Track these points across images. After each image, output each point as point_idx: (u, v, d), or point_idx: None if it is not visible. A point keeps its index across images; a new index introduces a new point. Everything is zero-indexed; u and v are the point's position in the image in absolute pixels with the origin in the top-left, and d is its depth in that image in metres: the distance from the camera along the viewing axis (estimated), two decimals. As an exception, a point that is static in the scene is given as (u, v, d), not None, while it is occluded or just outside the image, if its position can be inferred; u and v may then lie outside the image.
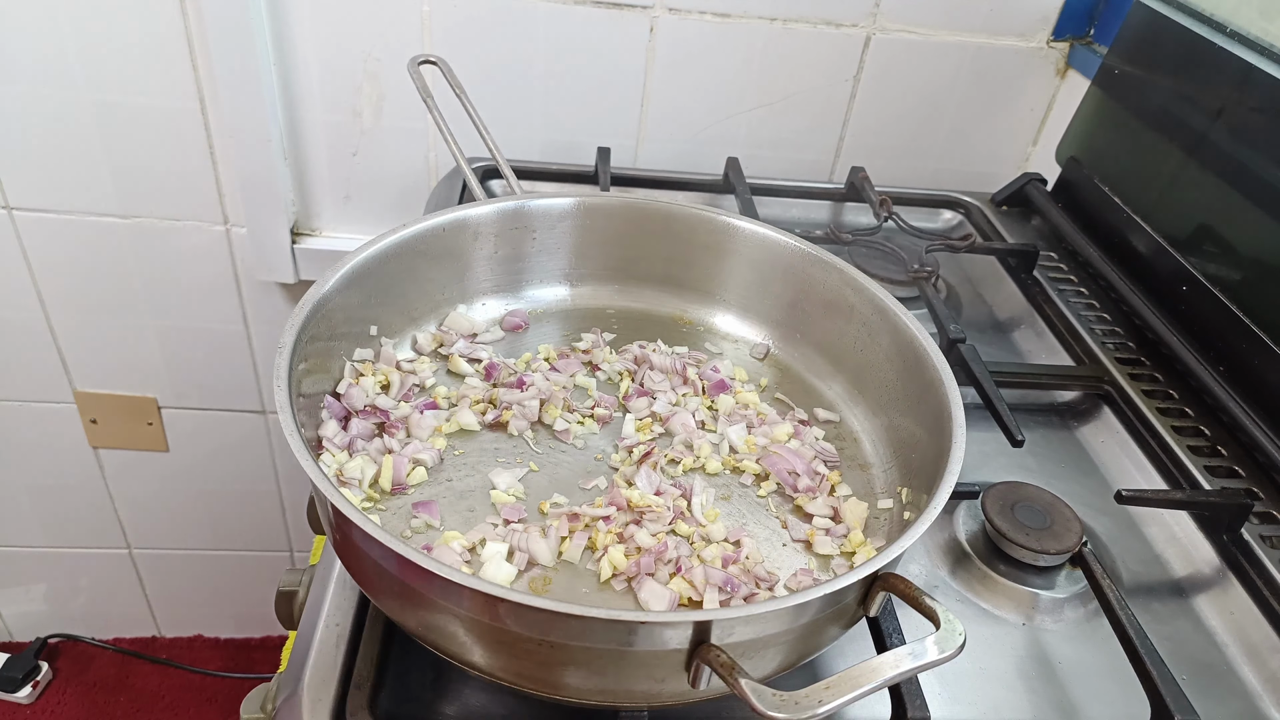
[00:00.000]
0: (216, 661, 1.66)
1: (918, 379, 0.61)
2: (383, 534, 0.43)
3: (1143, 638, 0.55)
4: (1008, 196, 1.07)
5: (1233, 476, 0.72)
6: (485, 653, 0.46)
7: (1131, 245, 0.92)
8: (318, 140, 1.09)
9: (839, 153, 1.15)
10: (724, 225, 0.74)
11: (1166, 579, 0.66)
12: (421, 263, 0.68)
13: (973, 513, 0.67)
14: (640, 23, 1.02)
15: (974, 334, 0.84)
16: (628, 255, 0.76)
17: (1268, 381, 0.74)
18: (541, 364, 0.70)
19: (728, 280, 0.76)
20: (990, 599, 0.62)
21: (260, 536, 1.55)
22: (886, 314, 0.65)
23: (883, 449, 0.66)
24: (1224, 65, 0.84)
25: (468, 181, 0.77)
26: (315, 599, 0.56)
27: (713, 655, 0.41)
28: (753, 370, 0.73)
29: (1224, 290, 0.80)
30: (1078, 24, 1.08)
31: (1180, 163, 0.88)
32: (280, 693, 0.51)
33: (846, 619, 0.49)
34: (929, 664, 0.41)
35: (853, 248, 0.94)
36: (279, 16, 0.99)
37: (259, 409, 1.36)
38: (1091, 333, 0.86)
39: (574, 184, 1.00)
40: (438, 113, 0.77)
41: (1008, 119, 1.14)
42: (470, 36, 1.02)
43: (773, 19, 1.03)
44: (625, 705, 0.48)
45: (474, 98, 0.81)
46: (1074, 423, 0.80)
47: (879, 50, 1.07)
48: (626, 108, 1.09)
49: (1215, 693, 0.58)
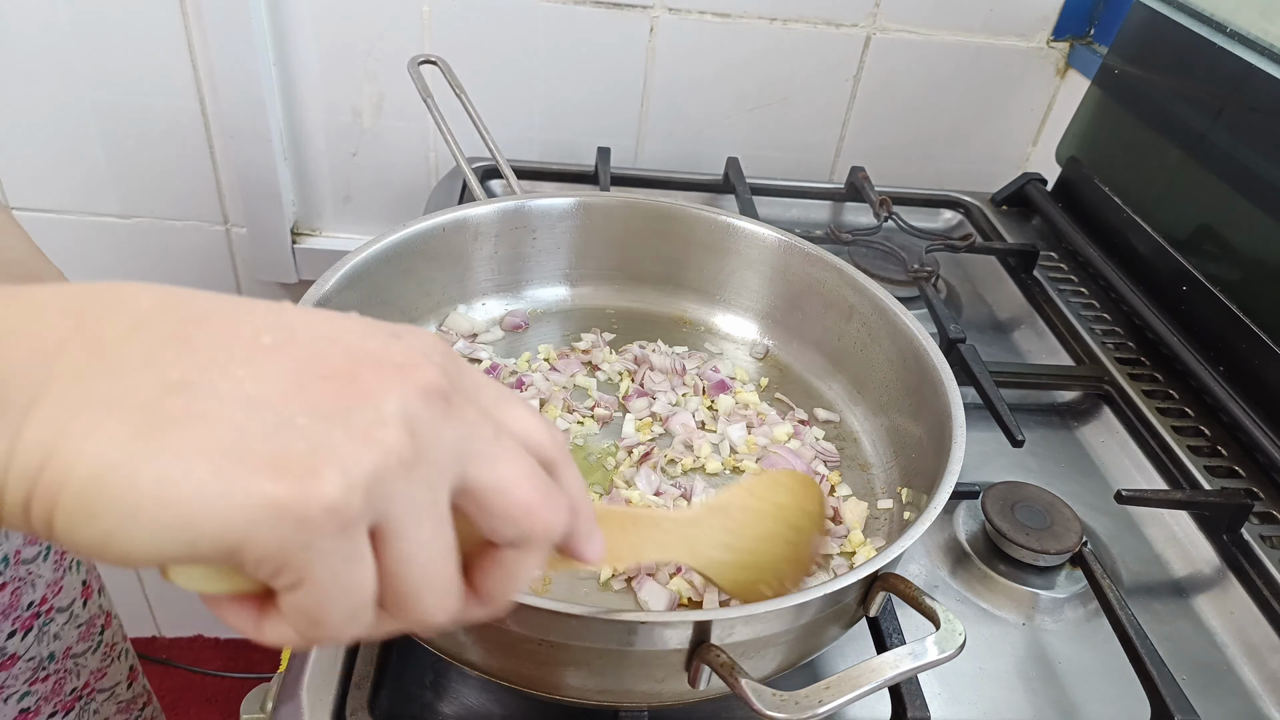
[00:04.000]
0: (216, 661, 1.66)
1: (918, 379, 0.61)
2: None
3: (1143, 638, 0.55)
4: (1008, 196, 1.07)
5: (1233, 476, 0.72)
6: (485, 653, 0.46)
7: (1131, 245, 0.92)
8: (318, 140, 1.09)
9: (839, 153, 1.15)
10: (724, 225, 0.74)
11: (1166, 579, 0.66)
12: (421, 263, 0.68)
13: (973, 513, 0.67)
14: (640, 22, 1.03)
15: (974, 334, 0.84)
16: (628, 255, 0.76)
17: (1268, 381, 0.74)
18: (541, 364, 0.70)
19: (728, 280, 0.76)
20: (990, 599, 0.62)
21: (260, 536, 1.54)
22: (886, 314, 0.65)
23: (883, 449, 0.66)
24: (1224, 65, 0.84)
25: (468, 181, 0.77)
26: (315, 599, 0.56)
27: (713, 655, 0.41)
28: (753, 370, 0.73)
29: (1224, 290, 0.80)
30: (1078, 24, 1.08)
31: (1180, 163, 0.88)
32: (280, 693, 0.51)
33: (846, 619, 0.49)
34: (929, 664, 0.42)
35: (853, 248, 0.94)
36: (279, 17, 0.99)
37: (259, 409, 1.36)
38: (1091, 333, 0.86)
39: (574, 184, 1.00)
40: (438, 113, 0.77)
41: (1008, 119, 1.14)
42: (470, 36, 1.02)
43: (773, 19, 1.03)
44: (625, 705, 0.48)
45: (474, 98, 0.81)
46: (1074, 423, 0.80)
47: (879, 50, 1.07)
48: (626, 108, 1.09)
49: (1215, 693, 0.58)
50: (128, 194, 1.12)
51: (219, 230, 1.16)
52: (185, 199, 1.12)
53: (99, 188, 1.11)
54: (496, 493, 0.28)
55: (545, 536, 0.30)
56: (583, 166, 1.01)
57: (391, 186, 1.13)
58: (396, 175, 1.12)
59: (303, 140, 1.09)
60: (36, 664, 0.74)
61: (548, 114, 1.08)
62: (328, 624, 0.26)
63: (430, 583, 0.27)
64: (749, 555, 0.47)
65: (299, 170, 1.11)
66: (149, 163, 1.09)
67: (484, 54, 1.03)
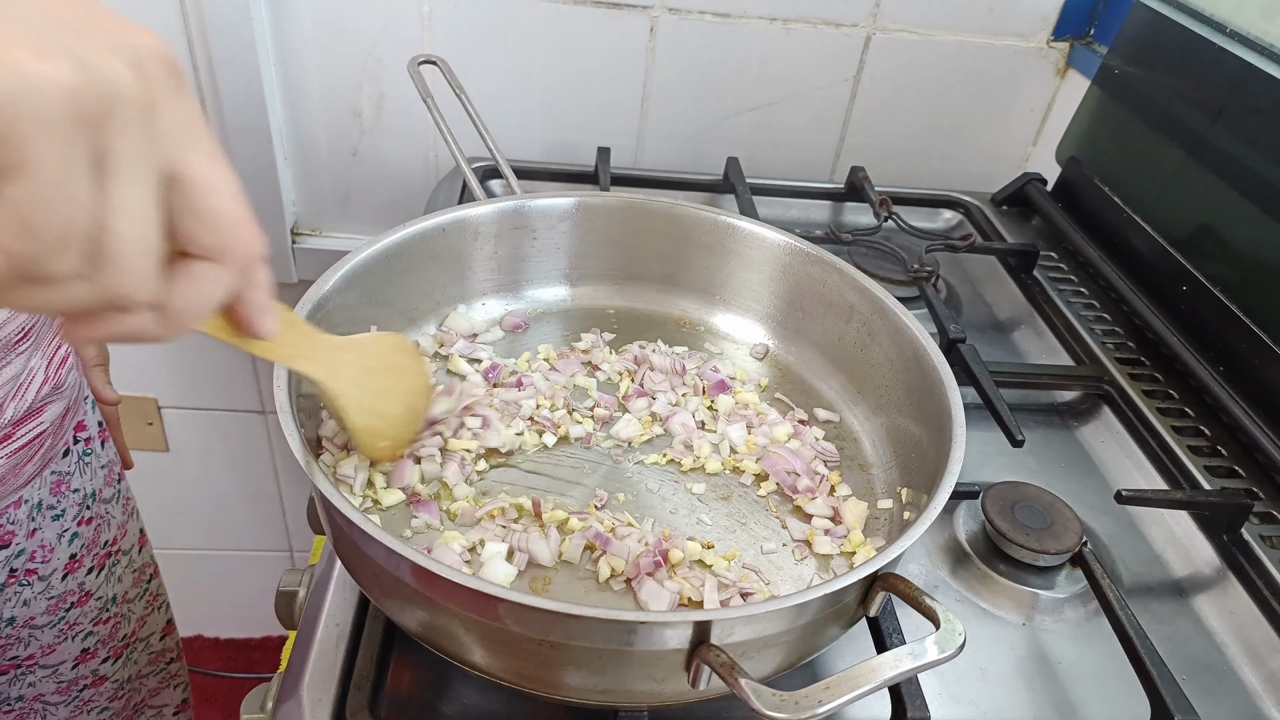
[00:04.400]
0: (216, 661, 1.66)
1: (918, 379, 0.61)
2: (383, 534, 0.43)
3: (1143, 638, 0.55)
4: (1008, 196, 1.07)
5: (1233, 476, 0.72)
6: (485, 653, 0.46)
7: (1131, 245, 0.92)
8: (318, 140, 1.09)
9: (839, 153, 1.15)
10: (724, 225, 0.74)
11: (1166, 579, 0.66)
12: (421, 263, 0.68)
13: (973, 513, 0.67)
14: (640, 23, 1.03)
15: (974, 334, 0.84)
16: (628, 255, 0.76)
17: (1268, 381, 0.74)
18: (541, 364, 0.70)
19: (728, 280, 0.76)
20: (990, 599, 0.62)
21: (260, 536, 1.55)
22: (886, 314, 0.65)
23: (883, 449, 0.66)
24: (1224, 65, 0.84)
25: (468, 181, 0.77)
26: (315, 599, 0.56)
27: (713, 655, 0.41)
28: (753, 370, 0.73)
29: (1224, 290, 0.80)
30: (1078, 24, 1.08)
31: (1180, 163, 0.88)
32: (280, 693, 0.51)
33: (846, 619, 0.49)
34: (929, 664, 0.42)
35: (853, 248, 0.94)
36: (279, 16, 0.99)
37: (259, 409, 1.37)
38: (1091, 333, 0.86)
39: (574, 184, 1.00)
40: (438, 113, 0.77)
41: (1008, 119, 1.14)
42: (470, 36, 1.02)
43: (773, 19, 1.03)
44: (625, 705, 0.48)
45: (474, 98, 0.81)
46: (1074, 423, 0.80)
47: (879, 50, 1.07)
48: (626, 108, 1.09)
49: (1215, 693, 0.58)
50: (128, 194, 1.12)
51: (219, 230, 1.16)
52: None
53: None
54: (209, 192, 0.30)
55: (243, 256, 0.32)
56: (583, 166, 1.01)
57: (391, 186, 1.13)
58: (396, 175, 1.12)
59: (303, 140, 1.09)
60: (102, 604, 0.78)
61: (548, 114, 1.08)
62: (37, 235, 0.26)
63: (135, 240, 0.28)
64: (373, 399, 0.53)
65: (299, 170, 1.11)
66: (149, 163, 1.09)
67: (484, 54, 1.03)
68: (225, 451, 1.41)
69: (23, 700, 0.78)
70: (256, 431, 1.39)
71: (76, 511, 0.73)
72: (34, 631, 0.74)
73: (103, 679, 0.81)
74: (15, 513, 0.68)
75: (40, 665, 0.76)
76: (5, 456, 0.64)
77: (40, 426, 0.67)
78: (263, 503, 1.49)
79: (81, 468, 0.74)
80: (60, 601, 0.74)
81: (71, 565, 0.74)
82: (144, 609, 0.85)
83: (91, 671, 0.80)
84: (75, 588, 0.75)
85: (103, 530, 0.77)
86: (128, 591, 0.82)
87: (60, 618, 0.75)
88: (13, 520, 0.68)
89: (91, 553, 0.76)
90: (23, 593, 0.71)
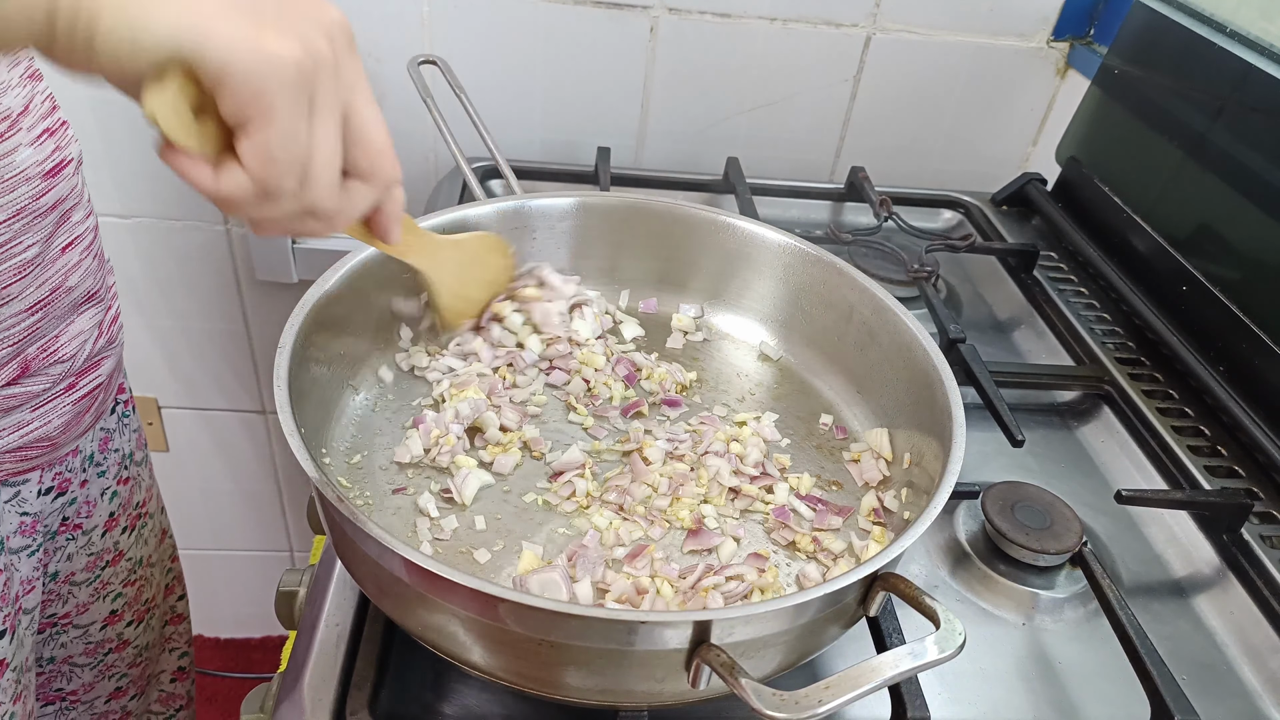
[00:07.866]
0: (216, 661, 1.66)
1: (918, 379, 0.61)
2: (383, 534, 0.43)
3: (1143, 638, 0.55)
4: (1008, 196, 1.07)
5: (1233, 476, 0.72)
6: (485, 653, 0.46)
7: (1131, 245, 0.92)
8: (318, 140, 1.09)
9: (839, 153, 1.15)
10: (724, 225, 0.73)
11: (1166, 579, 0.66)
12: (421, 263, 0.68)
13: (973, 513, 0.67)
14: (640, 23, 1.03)
15: (974, 334, 0.84)
16: (628, 255, 0.76)
17: (1268, 381, 0.74)
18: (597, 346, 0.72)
19: (728, 280, 0.75)
20: (990, 599, 0.62)
21: (260, 536, 1.55)
22: (886, 314, 0.65)
23: (883, 449, 0.66)
24: (1224, 65, 0.84)
25: (468, 181, 0.77)
26: (315, 599, 0.56)
27: (713, 655, 0.41)
28: (753, 370, 0.73)
29: (1224, 290, 0.80)
30: (1078, 24, 1.08)
31: (1180, 163, 0.88)
32: (280, 693, 0.51)
33: (846, 619, 0.49)
34: (929, 664, 0.42)
35: (853, 248, 0.94)
36: (279, 16, 0.99)
37: (259, 409, 1.36)
38: (1091, 333, 0.86)
39: (574, 184, 1.00)
40: (437, 113, 0.77)
41: (1008, 119, 1.14)
42: (470, 36, 1.02)
43: (773, 19, 1.03)
44: (625, 705, 0.48)
45: (474, 98, 0.81)
46: (1074, 423, 0.80)
47: (879, 50, 1.07)
48: (626, 108, 1.09)
49: (1215, 693, 0.58)
50: (128, 194, 1.12)
51: (219, 230, 1.16)
52: (185, 199, 1.12)
53: (99, 187, 1.11)
54: (367, 125, 0.40)
55: (387, 176, 0.42)
56: (583, 166, 1.01)
57: (391, 186, 1.13)
58: (396, 175, 1.12)
59: (303, 140, 1.08)
60: (131, 565, 0.83)
61: (548, 114, 1.08)
62: (277, 163, 0.36)
63: (329, 165, 0.38)
64: (462, 286, 0.66)
65: (299, 170, 1.11)
66: (149, 162, 1.09)
67: (484, 54, 1.03)
68: (225, 451, 1.41)
69: (53, 662, 0.81)
70: (256, 431, 1.39)
71: (116, 470, 0.78)
72: (73, 588, 0.78)
73: (125, 643, 0.85)
74: (73, 461, 0.73)
75: (74, 624, 0.80)
76: (71, 404, 0.67)
77: (98, 379, 0.70)
78: (263, 503, 1.49)
79: (121, 428, 0.79)
80: (97, 559, 0.78)
81: (110, 523, 0.78)
82: (163, 574, 0.89)
83: (117, 635, 0.83)
84: (110, 546, 0.79)
85: (135, 491, 0.81)
86: (151, 555, 0.86)
87: (96, 575, 0.79)
88: (70, 469, 0.72)
89: (126, 512, 0.80)
90: (67, 547, 0.75)
